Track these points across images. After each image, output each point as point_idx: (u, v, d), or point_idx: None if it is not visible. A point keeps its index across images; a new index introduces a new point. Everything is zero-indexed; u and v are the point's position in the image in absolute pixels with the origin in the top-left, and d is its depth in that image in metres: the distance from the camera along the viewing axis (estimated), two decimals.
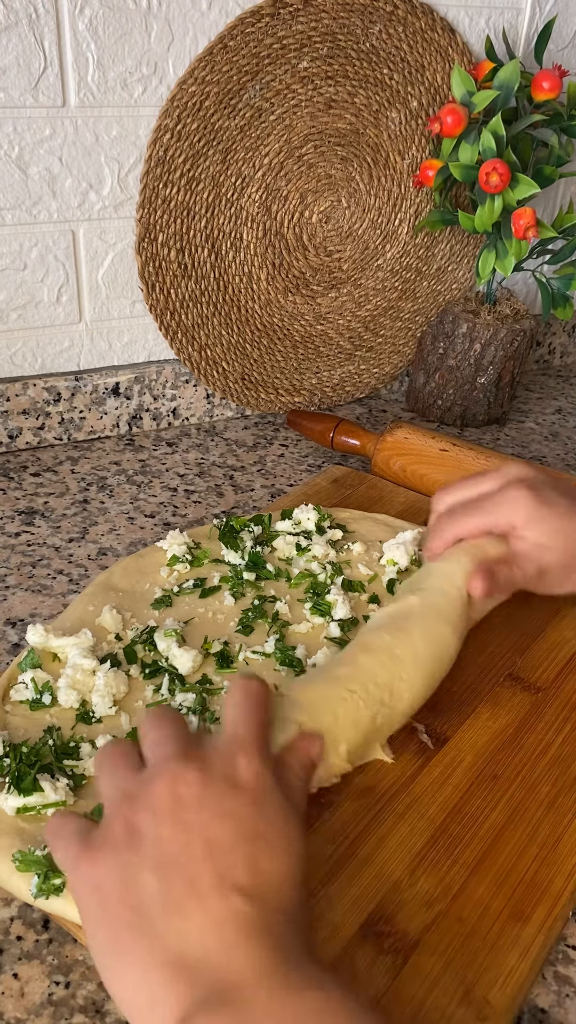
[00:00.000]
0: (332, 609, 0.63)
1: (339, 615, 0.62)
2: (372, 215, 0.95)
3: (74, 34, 0.75)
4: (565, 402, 1.11)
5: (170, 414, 0.95)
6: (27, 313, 0.84)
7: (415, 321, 1.03)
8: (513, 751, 0.54)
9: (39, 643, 0.57)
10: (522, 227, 0.83)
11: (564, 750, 0.54)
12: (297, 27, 0.82)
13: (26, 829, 0.46)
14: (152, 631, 0.60)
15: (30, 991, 0.42)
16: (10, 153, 0.77)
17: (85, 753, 0.50)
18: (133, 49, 0.77)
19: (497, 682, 0.59)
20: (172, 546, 0.68)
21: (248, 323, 0.93)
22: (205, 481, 0.86)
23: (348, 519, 0.74)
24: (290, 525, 0.72)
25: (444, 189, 0.92)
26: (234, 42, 0.80)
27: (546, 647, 0.63)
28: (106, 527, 0.77)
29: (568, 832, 0.49)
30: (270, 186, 0.88)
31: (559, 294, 0.93)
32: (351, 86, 0.87)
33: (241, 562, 0.67)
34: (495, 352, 0.95)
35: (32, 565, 0.72)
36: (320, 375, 1.00)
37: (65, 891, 0.42)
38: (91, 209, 0.82)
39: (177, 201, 0.84)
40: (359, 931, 0.43)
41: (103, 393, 0.90)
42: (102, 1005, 0.42)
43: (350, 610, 0.63)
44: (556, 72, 0.85)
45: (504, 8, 0.93)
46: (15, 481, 0.84)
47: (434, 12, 0.88)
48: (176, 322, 0.90)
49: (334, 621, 0.62)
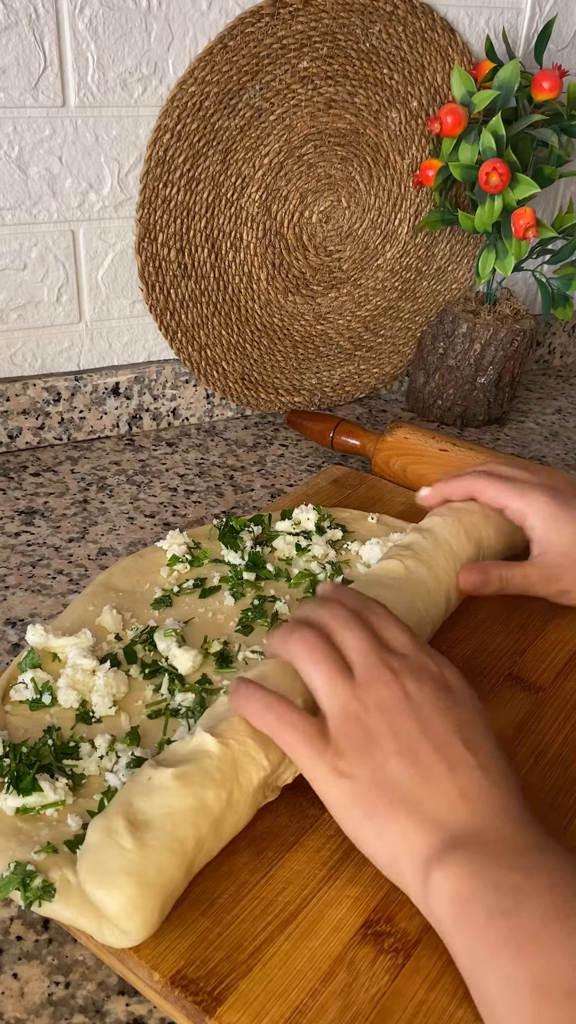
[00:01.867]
0: None
1: None
2: (372, 215, 0.95)
3: (74, 34, 0.75)
4: (565, 402, 1.11)
5: (170, 414, 0.95)
6: (27, 313, 0.84)
7: (415, 321, 1.03)
8: (513, 751, 0.54)
9: (39, 643, 0.57)
10: (522, 227, 0.83)
11: (564, 750, 0.54)
12: (297, 27, 0.82)
13: (24, 829, 0.45)
14: (152, 631, 0.60)
15: (30, 991, 0.42)
16: (10, 153, 0.77)
17: (85, 753, 0.50)
18: (133, 49, 0.77)
19: (497, 682, 0.59)
20: (172, 546, 0.68)
21: (248, 323, 0.93)
22: (205, 481, 0.86)
23: (348, 519, 0.74)
24: (290, 525, 0.72)
25: (444, 189, 0.92)
26: (234, 42, 0.80)
27: (546, 647, 0.62)
28: (106, 527, 0.77)
29: (568, 832, 0.49)
30: (270, 186, 0.88)
31: (559, 294, 0.93)
32: (351, 86, 0.87)
33: (241, 562, 0.67)
34: (495, 352, 0.95)
35: (32, 565, 0.72)
36: (320, 375, 1.00)
37: (57, 895, 0.42)
38: (91, 209, 0.82)
39: (177, 201, 0.84)
40: (359, 931, 0.43)
41: (103, 393, 0.90)
42: (102, 1005, 0.42)
43: None
44: (556, 72, 0.85)
45: (504, 8, 0.93)
46: (15, 481, 0.84)
47: (434, 12, 0.88)
48: (176, 322, 0.90)
49: None
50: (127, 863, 0.40)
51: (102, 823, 0.42)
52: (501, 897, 0.38)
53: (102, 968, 0.43)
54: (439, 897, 0.39)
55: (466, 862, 0.39)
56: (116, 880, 0.40)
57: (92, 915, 0.41)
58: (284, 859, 0.46)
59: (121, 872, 0.40)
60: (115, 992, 0.42)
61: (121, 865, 0.40)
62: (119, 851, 0.40)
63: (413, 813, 0.41)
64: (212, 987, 0.40)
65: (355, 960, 0.42)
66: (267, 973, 0.41)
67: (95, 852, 0.41)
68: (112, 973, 0.43)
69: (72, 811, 0.47)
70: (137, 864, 0.40)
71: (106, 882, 0.40)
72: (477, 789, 0.41)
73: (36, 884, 0.42)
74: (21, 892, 0.42)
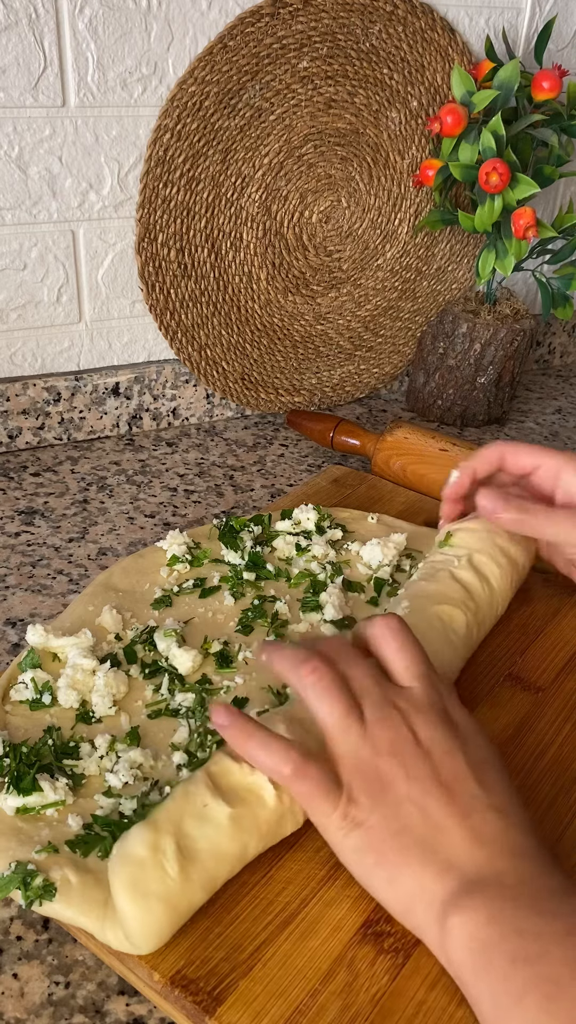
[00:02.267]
0: (323, 608, 0.63)
1: (328, 616, 0.62)
2: (372, 215, 0.95)
3: (74, 34, 0.75)
4: (565, 402, 1.11)
5: (170, 414, 0.95)
6: (27, 313, 0.84)
7: (415, 321, 1.03)
8: (513, 751, 0.54)
9: (39, 643, 0.57)
10: (522, 227, 0.83)
11: (564, 750, 0.54)
12: (297, 27, 0.82)
13: (24, 829, 0.45)
14: (152, 631, 0.60)
15: (30, 991, 0.42)
16: (10, 153, 0.77)
17: (85, 753, 0.50)
18: (133, 49, 0.77)
19: (497, 682, 0.59)
20: (172, 546, 0.68)
21: (248, 323, 0.93)
22: (205, 481, 0.86)
23: (348, 519, 0.74)
24: (290, 525, 0.72)
25: (444, 189, 0.92)
26: (234, 42, 0.80)
27: (546, 647, 0.62)
28: (106, 527, 0.77)
29: (568, 832, 0.49)
30: (270, 186, 0.88)
31: (559, 294, 0.93)
32: (351, 86, 0.87)
33: (241, 562, 0.67)
34: (495, 352, 0.95)
35: (32, 565, 0.72)
36: (320, 375, 1.00)
37: (58, 894, 0.42)
38: (91, 209, 0.82)
39: (177, 201, 0.84)
40: (359, 931, 0.43)
41: (103, 393, 0.90)
42: (102, 1005, 0.42)
43: (339, 611, 0.62)
44: (556, 72, 0.85)
45: (504, 8, 0.93)
46: (15, 481, 0.84)
47: (434, 12, 0.88)
48: (176, 322, 0.90)
49: (326, 623, 0.62)
50: (166, 891, 0.40)
51: (150, 837, 0.42)
52: (524, 943, 0.37)
53: (102, 968, 0.43)
54: (457, 943, 0.38)
55: (484, 907, 0.38)
56: (152, 904, 0.40)
57: (94, 915, 0.41)
58: (284, 859, 0.46)
59: (158, 898, 0.40)
60: (115, 992, 0.42)
61: (160, 891, 0.40)
62: (162, 875, 0.41)
63: (428, 859, 0.40)
64: (212, 987, 0.40)
65: (355, 960, 0.42)
66: (267, 973, 0.41)
67: (139, 866, 0.41)
68: (112, 973, 0.43)
69: (72, 811, 0.47)
70: (175, 895, 0.41)
71: (142, 903, 0.40)
72: (493, 831, 0.41)
73: (37, 883, 0.42)
74: (22, 891, 0.42)
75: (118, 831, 0.45)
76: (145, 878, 0.40)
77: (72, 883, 0.42)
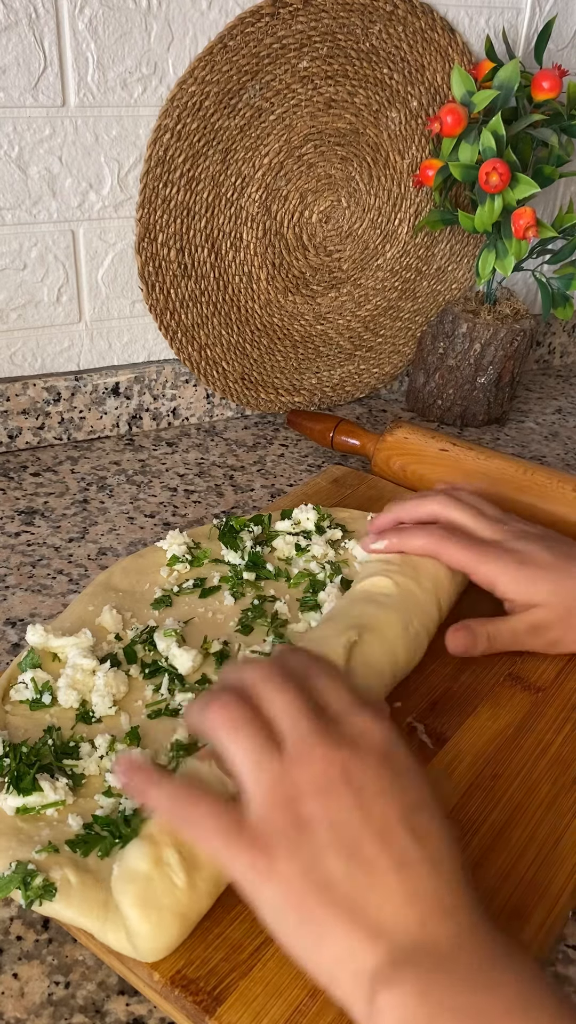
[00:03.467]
0: (322, 607, 0.63)
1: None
2: (372, 215, 0.95)
3: (74, 34, 0.75)
4: (565, 402, 1.11)
5: (170, 414, 0.95)
6: (27, 313, 0.84)
7: (415, 321, 1.03)
8: (513, 751, 0.54)
9: (39, 643, 0.57)
10: (522, 227, 0.83)
11: (564, 750, 0.54)
12: (297, 27, 0.82)
13: (24, 829, 0.45)
14: (152, 631, 0.60)
15: (30, 991, 0.42)
16: (10, 153, 0.77)
17: (85, 753, 0.50)
18: (133, 49, 0.77)
19: (497, 682, 0.59)
20: (172, 546, 0.68)
21: (248, 323, 0.93)
22: (205, 481, 0.86)
23: (348, 519, 0.74)
24: (290, 525, 0.72)
25: (444, 189, 0.92)
26: (234, 42, 0.80)
27: None
28: (106, 527, 0.77)
29: (568, 832, 0.49)
30: (270, 186, 0.88)
31: (559, 294, 0.93)
32: (351, 86, 0.87)
33: (241, 562, 0.67)
34: (495, 352, 0.95)
35: (32, 565, 0.72)
36: (320, 375, 1.00)
37: (58, 894, 0.42)
38: (91, 209, 0.82)
39: (177, 201, 0.84)
40: None
41: (103, 393, 0.90)
42: (102, 1005, 0.42)
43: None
44: (556, 72, 0.85)
45: (504, 8, 0.93)
46: (15, 481, 0.84)
47: (434, 12, 0.88)
48: (176, 322, 0.90)
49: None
50: (176, 902, 0.40)
51: (151, 850, 0.41)
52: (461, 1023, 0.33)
53: (102, 968, 0.43)
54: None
55: (417, 981, 0.34)
56: (165, 918, 0.40)
57: (94, 915, 0.41)
58: None
59: (170, 911, 0.40)
60: (115, 992, 0.42)
61: (171, 903, 0.40)
62: (170, 887, 0.40)
63: (357, 920, 0.35)
64: (212, 987, 0.40)
65: None
66: (267, 973, 0.41)
67: (146, 881, 0.40)
68: (112, 973, 0.43)
69: (72, 811, 0.47)
70: (185, 905, 0.41)
71: (156, 917, 0.40)
72: (425, 888, 0.36)
73: (37, 883, 0.42)
74: (22, 891, 0.42)
75: (118, 831, 0.45)
76: (155, 892, 0.40)
77: (72, 883, 0.42)
